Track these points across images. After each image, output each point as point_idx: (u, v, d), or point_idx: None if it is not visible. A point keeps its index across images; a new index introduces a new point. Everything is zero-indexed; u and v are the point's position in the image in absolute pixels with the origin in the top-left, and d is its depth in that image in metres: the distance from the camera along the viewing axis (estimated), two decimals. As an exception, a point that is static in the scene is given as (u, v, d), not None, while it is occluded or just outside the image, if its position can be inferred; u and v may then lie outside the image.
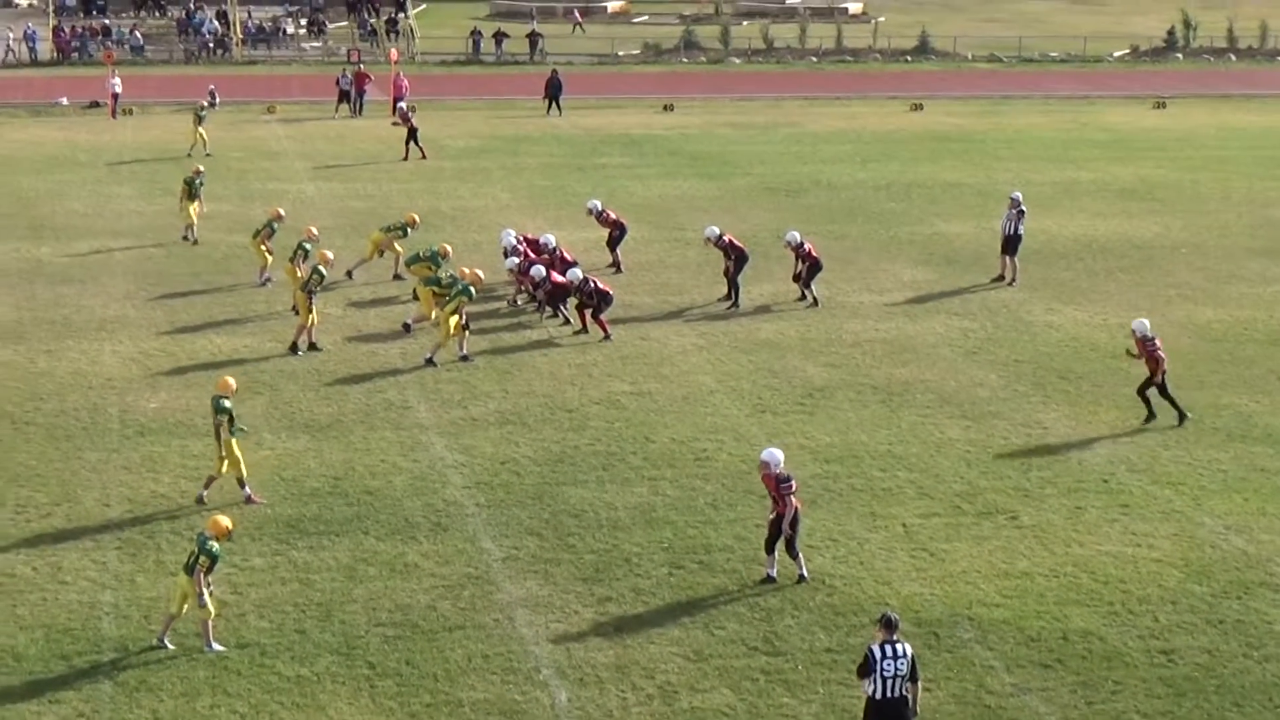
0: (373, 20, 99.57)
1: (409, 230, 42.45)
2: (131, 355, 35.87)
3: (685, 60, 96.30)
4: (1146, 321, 32.73)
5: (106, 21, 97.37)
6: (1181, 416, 32.11)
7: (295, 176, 57.52)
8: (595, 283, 37.72)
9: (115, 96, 71.78)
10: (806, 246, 40.53)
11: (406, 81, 73.25)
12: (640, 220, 49.56)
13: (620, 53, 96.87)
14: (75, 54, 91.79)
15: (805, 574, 24.76)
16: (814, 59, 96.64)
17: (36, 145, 63.72)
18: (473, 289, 35.83)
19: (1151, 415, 32.20)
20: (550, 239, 40.70)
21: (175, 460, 29.52)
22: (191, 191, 46.52)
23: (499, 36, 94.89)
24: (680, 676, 22.01)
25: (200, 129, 60.98)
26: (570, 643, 22.89)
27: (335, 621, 23.41)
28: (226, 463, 27.38)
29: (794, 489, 24.69)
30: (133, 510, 27.30)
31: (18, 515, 27.01)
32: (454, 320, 35.49)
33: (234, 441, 27.36)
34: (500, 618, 23.61)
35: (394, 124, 64.49)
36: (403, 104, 65.53)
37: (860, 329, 38.61)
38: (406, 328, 37.90)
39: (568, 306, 38.57)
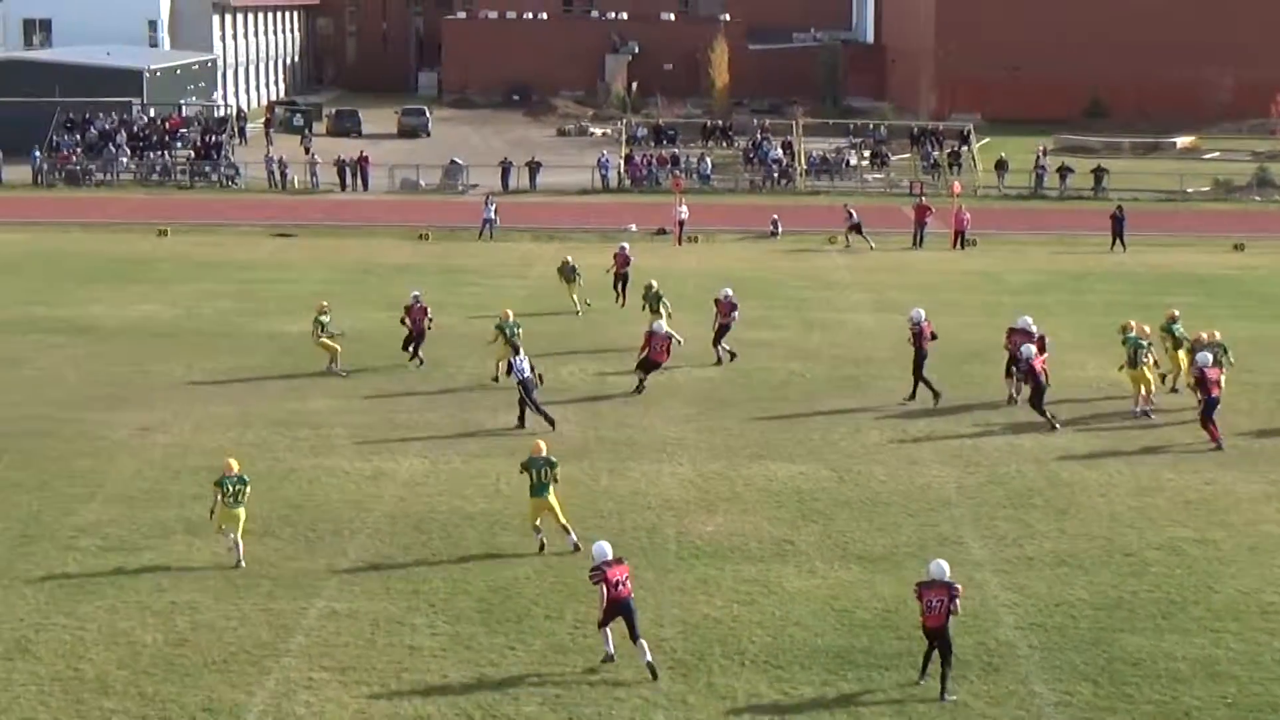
0: (935, 153, 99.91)
1: None
2: (690, 478, 36.45)
3: (1258, 199, 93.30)
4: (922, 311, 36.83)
5: (675, 151, 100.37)
6: None
7: (855, 307, 57.85)
8: None
9: (681, 224, 73.74)
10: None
11: (969, 215, 73.12)
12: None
13: (1189, 189, 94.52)
14: (645, 181, 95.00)
15: None
16: None
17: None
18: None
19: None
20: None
21: (728, 584, 29.78)
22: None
23: (1063, 171, 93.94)
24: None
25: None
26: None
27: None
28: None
29: None
30: (685, 631, 27.61)
31: (575, 630, 27.66)
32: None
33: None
34: (1052, 766, 22.97)
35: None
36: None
37: None
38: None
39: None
